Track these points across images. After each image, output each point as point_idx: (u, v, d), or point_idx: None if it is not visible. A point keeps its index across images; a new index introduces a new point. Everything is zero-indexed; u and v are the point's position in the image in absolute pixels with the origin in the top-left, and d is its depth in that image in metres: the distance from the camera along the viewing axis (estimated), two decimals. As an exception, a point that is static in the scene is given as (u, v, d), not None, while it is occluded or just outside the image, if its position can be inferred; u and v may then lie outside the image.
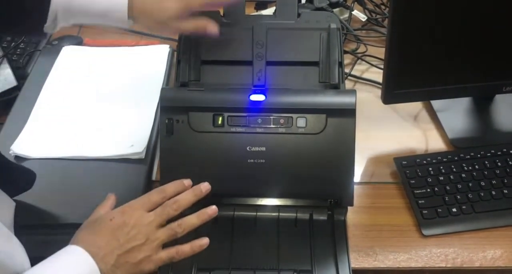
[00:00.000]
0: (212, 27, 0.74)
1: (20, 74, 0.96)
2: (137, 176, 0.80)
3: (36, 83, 0.93)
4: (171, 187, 0.66)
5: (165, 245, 0.64)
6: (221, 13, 0.80)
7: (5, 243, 0.61)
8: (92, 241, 0.60)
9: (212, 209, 0.66)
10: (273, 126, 0.73)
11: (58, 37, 1.07)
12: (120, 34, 1.11)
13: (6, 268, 0.58)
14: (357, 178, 0.83)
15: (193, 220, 0.65)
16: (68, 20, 0.73)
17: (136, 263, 0.60)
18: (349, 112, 0.72)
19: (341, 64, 0.77)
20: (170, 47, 1.02)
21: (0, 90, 0.93)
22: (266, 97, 0.73)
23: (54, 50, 1.00)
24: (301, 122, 0.72)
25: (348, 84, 1.00)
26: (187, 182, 0.67)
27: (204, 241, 0.65)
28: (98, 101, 0.90)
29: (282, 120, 0.73)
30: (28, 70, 0.98)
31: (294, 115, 0.72)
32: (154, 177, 0.82)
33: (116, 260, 0.59)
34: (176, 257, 0.63)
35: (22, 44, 1.02)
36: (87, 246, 0.59)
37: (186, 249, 0.64)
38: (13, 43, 1.02)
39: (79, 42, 1.06)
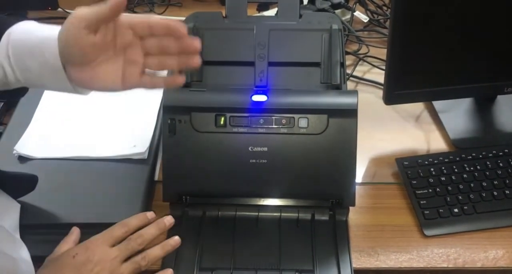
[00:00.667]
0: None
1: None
2: (139, 176, 0.80)
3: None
4: (134, 220, 0.66)
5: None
6: (223, 14, 0.80)
7: (12, 250, 0.61)
8: None
9: (175, 240, 0.66)
10: (275, 126, 0.73)
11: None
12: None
13: None
14: (358, 178, 0.83)
15: (157, 251, 0.65)
16: (7, 70, 0.58)
17: None
18: (350, 113, 0.72)
19: (342, 65, 0.77)
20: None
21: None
22: (268, 97, 0.73)
23: (57, 51, 1.00)
24: (303, 122, 0.73)
25: (350, 85, 1.00)
26: (150, 214, 0.67)
27: (175, 239, 0.65)
28: (100, 101, 0.90)
29: (284, 121, 0.73)
30: (31, 71, 0.98)
31: (296, 116, 0.73)
32: (156, 177, 0.82)
33: None
34: (142, 265, 0.63)
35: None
36: None
37: (157, 251, 0.64)
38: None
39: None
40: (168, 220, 0.67)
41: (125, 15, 0.58)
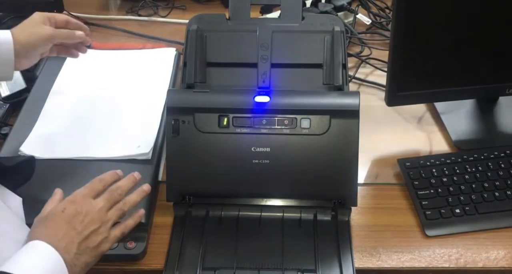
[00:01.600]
0: (80, 33, 0.85)
1: (29, 77, 0.98)
2: (143, 176, 0.79)
3: (45, 86, 0.94)
4: (108, 176, 0.71)
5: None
6: (227, 16, 0.81)
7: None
8: (50, 234, 0.61)
9: (147, 186, 0.72)
10: (278, 127, 0.73)
11: (66, 41, 1.09)
12: (127, 38, 1.13)
13: None
14: (361, 179, 0.84)
15: (134, 197, 0.71)
16: None
17: (95, 247, 0.64)
18: (352, 114, 0.73)
19: (345, 66, 0.78)
20: (176, 50, 1.03)
21: (9, 92, 0.95)
22: (270, 98, 0.74)
23: (62, 53, 1.01)
24: (305, 123, 0.73)
25: (352, 87, 1.00)
26: (119, 172, 0.72)
27: (141, 212, 0.72)
28: (105, 102, 0.91)
29: (286, 121, 0.73)
30: (37, 73, 0.99)
31: (298, 117, 0.73)
32: (160, 178, 0.83)
33: (78, 247, 0.62)
34: (125, 231, 0.68)
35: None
36: (47, 239, 0.60)
37: (130, 222, 0.70)
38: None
39: (86, 45, 1.07)
40: (137, 174, 0.72)
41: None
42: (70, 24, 0.85)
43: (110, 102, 0.91)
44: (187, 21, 0.82)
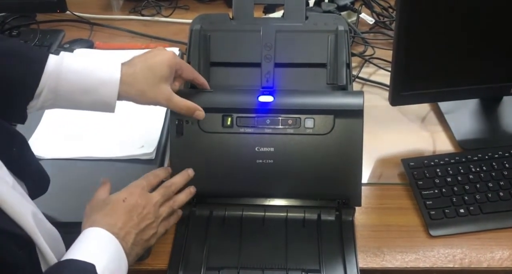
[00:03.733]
0: (200, 114, 0.72)
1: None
2: (147, 176, 0.80)
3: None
4: (162, 172, 0.74)
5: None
6: (230, 16, 0.81)
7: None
8: (111, 223, 0.63)
9: (193, 188, 0.75)
10: (281, 127, 0.73)
11: (69, 41, 1.09)
12: (130, 38, 1.13)
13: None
14: (365, 178, 0.83)
15: (182, 197, 0.73)
16: (52, 98, 0.65)
17: (147, 240, 0.66)
18: (356, 113, 0.72)
19: (348, 66, 0.78)
20: (179, 50, 1.03)
21: (13, 92, 0.95)
22: (274, 98, 0.74)
23: (66, 53, 1.01)
24: (309, 123, 0.73)
25: (356, 87, 1.00)
26: (169, 169, 0.75)
27: (179, 212, 0.74)
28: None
29: (290, 121, 0.73)
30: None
31: (302, 116, 0.73)
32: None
33: (134, 238, 0.64)
34: (167, 228, 0.72)
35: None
36: (108, 227, 0.62)
37: (172, 220, 0.73)
38: (26, 47, 1.04)
39: (90, 45, 1.08)
40: (191, 171, 0.74)
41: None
42: (196, 82, 0.75)
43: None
44: (190, 21, 0.82)
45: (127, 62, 0.69)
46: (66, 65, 0.65)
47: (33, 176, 0.70)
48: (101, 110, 0.69)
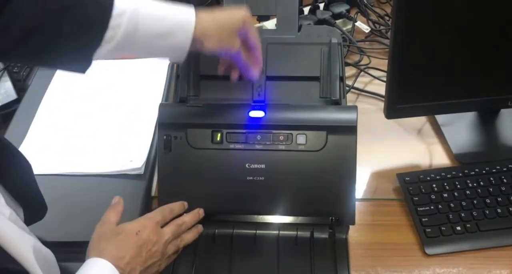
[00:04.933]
0: (255, 74, 0.71)
1: (20, 87, 0.96)
2: (136, 191, 0.79)
3: (35, 97, 0.93)
4: (176, 207, 0.72)
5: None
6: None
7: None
8: (119, 256, 0.61)
9: (201, 227, 0.74)
10: (273, 143, 0.72)
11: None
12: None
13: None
14: (359, 194, 0.81)
15: (190, 236, 0.72)
16: (127, 42, 0.61)
17: None
18: (350, 129, 0.71)
19: (342, 79, 0.76)
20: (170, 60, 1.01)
21: (0, 103, 0.93)
22: (265, 113, 0.72)
23: (54, 63, 0.99)
24: (301, 139, 0.71)
25: (351, 97, 0.98)
26: (185, 204, 0.73)
27: (200, 226, 0.74)
28: (97, 115, 0.89)
29: (281, 137, 0.71)
30: (28, 83, 0.97)
31: (294, 132, 0.71)
32: (153, 193, 0.81)
33: None
34: (180, 247, 0.71)
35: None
36: (115, 261, 0.61)
37: (190, 235, 0.72)
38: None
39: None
40: (202, 212, 0.73)
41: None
42: (253, 52, 0.70)
43: (103, 114, 0.89)
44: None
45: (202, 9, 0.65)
46: (142, 9, 0.61)
47: (31, 201, 0.68)
48: (171, 58, 0.68)
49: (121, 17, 0.58)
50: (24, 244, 0.55)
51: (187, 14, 0.63)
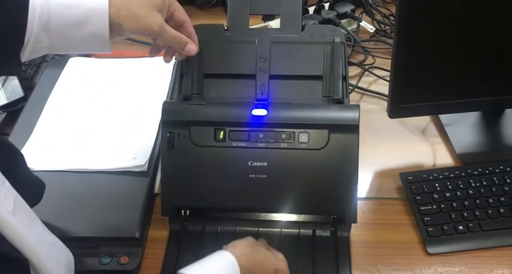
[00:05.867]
0: (191, 48, 0.70)
1: (27, 85, 0.97)
2: (139, 188, 0.79)
3: (42, 95, 0.93)
4: None
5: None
6: (225, 26, 0.79)
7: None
8: (246, 263, 0.63)
9: None
10: (275, 141, 0.72)
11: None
12: (128, 45, 1.12)
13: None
14: (362, 193, 0.82)
15: None
16: (44, 38, 0.62)
17: None
18: (352, 128, 0.71)
19: (345, 78, 0.76)
20: (175, 58, 1.02)
21: (7, 101, 0.94)
22: (268, 112, 0.72)
23: (61, 61, 1.00)
24: (303, 137, 0.71)
25: (355, 97, 0.98)
26: None
27: None
28: (102, 113, 0.90)
29: (284, 135, 0.72)
30: (35, 81, 0.98)
31: (296, 131, 0.71)
32: (156, 190, 0.82)
33: None
34: None
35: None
36: (241, 262, 0.63)
37: None
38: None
39: (86, 53, 1.06)
40: None
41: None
42: (185, 28, 0.70)
43: (107, 112, 0.90)
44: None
45: None
46: (49, 6, 0.61)
47: (28, 186, 0.68)
48: (96, 49, 0.65)
49: (34, 12, 0.59)
50: (28, 235, 0.55)
51: (100, 0, 0.62)
